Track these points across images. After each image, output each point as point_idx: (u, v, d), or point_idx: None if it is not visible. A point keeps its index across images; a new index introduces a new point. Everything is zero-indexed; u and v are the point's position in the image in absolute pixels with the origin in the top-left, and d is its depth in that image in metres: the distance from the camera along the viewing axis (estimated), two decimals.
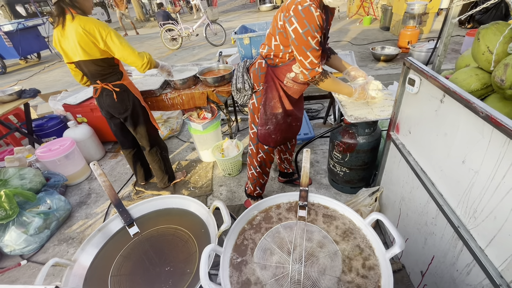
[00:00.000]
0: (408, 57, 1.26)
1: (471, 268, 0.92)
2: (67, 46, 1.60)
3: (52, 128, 3.02)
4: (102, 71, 1.71)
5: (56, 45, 1.65)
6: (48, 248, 2.04)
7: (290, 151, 2.11)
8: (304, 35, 1.23)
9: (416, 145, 1.27)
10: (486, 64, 1.07)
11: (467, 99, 0.85)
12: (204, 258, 0.83)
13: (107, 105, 1.84)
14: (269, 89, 1.56)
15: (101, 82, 1.75)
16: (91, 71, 1.70)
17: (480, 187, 0.86)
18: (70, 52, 1.62)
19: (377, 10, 6.89)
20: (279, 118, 1.64)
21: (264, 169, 1.90)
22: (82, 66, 1.70)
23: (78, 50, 1.56)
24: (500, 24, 1.01)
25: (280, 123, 1.66)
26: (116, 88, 1.77)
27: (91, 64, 1.65)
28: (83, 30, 1.50)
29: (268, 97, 1.57)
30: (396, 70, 3.78)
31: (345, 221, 1.05)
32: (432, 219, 1.16)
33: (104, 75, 1.74)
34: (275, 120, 1.64)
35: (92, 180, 2.72)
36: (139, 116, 1.96)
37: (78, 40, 1.53)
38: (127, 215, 1.20)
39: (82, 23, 1.51)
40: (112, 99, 1.79)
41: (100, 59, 1.64)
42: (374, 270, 0.87)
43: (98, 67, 1.68)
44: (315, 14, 1.21)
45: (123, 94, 1.82)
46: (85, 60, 1.61)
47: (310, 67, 1.34)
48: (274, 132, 1.68)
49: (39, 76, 6.71)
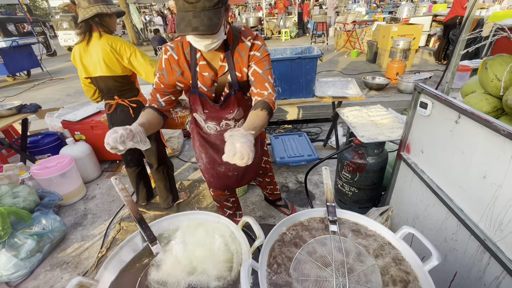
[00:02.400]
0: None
1: (501, 281, 0.95)
2: (89, 61, 1.64)
3: (47, 145, 2.91)
4: (120, 87, 1.75)
5: (75, 60, 1.70)
6: (39, 274, 1.87)
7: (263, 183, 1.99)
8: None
9: (430, 164, 1.35)
10: (495, 90, 1.22)
11: (487, 119, 0.94)
12: (244, 273, 0.81)
13: (120, 120, 1.83)
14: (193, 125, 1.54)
15: (118, 98, 1.77)
16: (109, 87, 1.73)
17: (505, 200, 0.92)
18: (91, 68, 1.66)
19: (363, 44, 7.50)
20: (204, 160, 1.55)
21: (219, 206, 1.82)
22: (99, 82, 1.72)
23: (102, 65, 1.61)
24: (505, 56, 1.17)
25: (207, 167, 1.56)
26: (133, 104, 1.80)
27: (111, 80, 1.69)
28: (110, 47, 1.57)
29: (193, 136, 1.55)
30: (387, 98, 4.05)
31: (376, 236, 1.06)
32: (452, 235, 1.20)
33: (121, 91, 1.77)
34: (202, 160, 1.56)
35: (88, 200, 2.59)
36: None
37: (103, 56, 1.58)
38: (149, 232, 1.15)
39: (110, 41, 1.59)
40: (128, 114, 1.81)
41: (121, 76, 1.68)
42: (414, 283, 0.88)
43: (117, 83, 1.72)
44: (162, 57, 1.20)
45: (139, 110, 1.84)
46: (106, 76, 1.65)
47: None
48: (205, 171, 1.59)
49: (27, 94, 6.54)
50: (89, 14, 1.54)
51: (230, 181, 1.60)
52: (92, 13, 1.53)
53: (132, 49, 1.64)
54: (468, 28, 1.42)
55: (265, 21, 12.73)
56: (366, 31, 7.44)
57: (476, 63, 3.98)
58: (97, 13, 1.54)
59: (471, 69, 3.84)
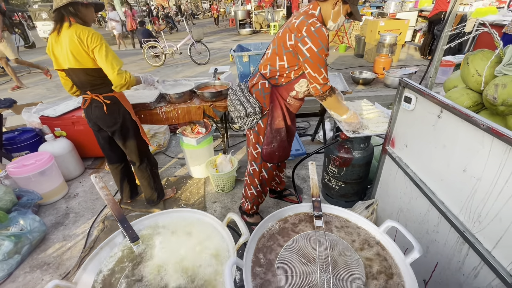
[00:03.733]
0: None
1: (479, 271, 0.99)
2: (59, 52, 1.57)
3: (25, 142, 2.77)
4: (93, 81, 1.66)
5: (49, 51, 1.62)
6: (18, 276, 1.79)
7: (280, 167, 2.15)
8: (319, 53, 1.32)
9: (414, 158, 1.37)
10: (476, 85, 1.24)
11: (467, 113, 0.95)
12: (227, 272, 0.80)
13: (95, 117, 1.76)
14: (274, 108, 1.60)
15: (91, 93, 1.69)
16: (81, 80, 1.65)
17: (483, 193, 0.94)
18: (61, 59, 1.59)
19: (351, 39, 7.54)
20: (282, 135, 1.69)
21: (264, 188, 1.91)
22: (71, 75, 1.64)
23: (70, 57, 1.53)
24: (485, 52, 1.18)
25: (283, 140, 1.72)
26: (106, 100, 1.71)
27: (82, 73, 1.61)
28: (78, 38, 1.49)
29: (274, 116, 1.62)
30: (374, 92, 4.10)
31: (360, 230, 1.07)
32: (434, 227, 1.23)
33: (94, 86, 1.68)
34: (279, 138, 1.69)
35: (70, 199, 2.50)
36: (129, 130, 1.89)
37: (70, 47, 1.50)
38: (132, 231, 1.12)
39: (78, 31, 1.49)
40: (102, 111, 1.73)
41: (92, 69, 1.60)
42: (397, 276, 0.89)
43: (89, 76, 1.63)
44: (326, 34, 1.32)
45: (113, 107, 1.77)
46: (75, 68, 1.57)
47: (323, 82, 1.42)
48: (278, 149, 1.72)
49: (4, 87, 6.21)
50: (62, 2, 1.45)
51: (289, 148, 1.85)
52: (66, 1, 1.45)
53: (99, 42, 1.52)
54: (451, 23, 1.43)
55: (254, 14, 12.56)
56: (354, 26, 7.48)
57: (459, 58, 4.08)
58: (70, 1, 1.46)
59: (454, 64, 3.93)
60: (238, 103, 1.59)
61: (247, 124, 1.62)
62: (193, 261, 1.00)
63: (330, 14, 1.39)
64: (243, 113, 1.55)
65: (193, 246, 1.06)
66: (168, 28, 14.96)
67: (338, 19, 1.43)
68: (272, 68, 1.51)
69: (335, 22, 1.43)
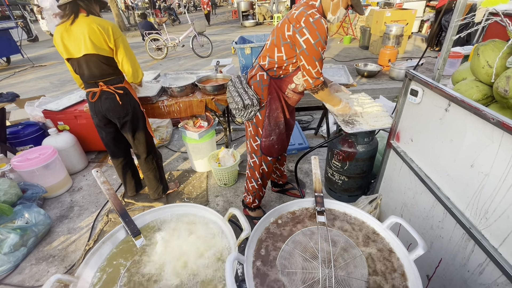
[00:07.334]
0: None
1: (484, 268, 0.97)
2: (72, 41, 1.58)
3: (29, 136, 2.79)
4: (105, 70, 1.67)
5: (56, 41, 1.61)
6: (24, 268, 1.82)
7: (281, 161, 2.14)
8: (316, 45, 1.28)
9: (420, 152, 1.34)
10: (486, 77, 1.19)
11: (476, 107, 0.92)
12: (228, 267, 0.79)
13: (105, 108, 1.75)
14: (272, 100, 1.58)
15: (103, 84, 1.70)
16: (92, 70, 1.65)
17: (491, 189, 0.92)
18: (74, 48, 1.59)
19: (355, 30, 7.38)
20: (281, 128, 1.68)
21: (264, 181, 1.90)
22: (82, 64, 1.64)
23: (87, 43, 1.55)
24: (497, 42, 1.13)
25: (282, 132, 1.70)
26: (119, 91, 1.72)
27: (96, 60, 1.62)
28: (98, 26, 1.55)
29: (272, 109, 1.59)
30: (379, 85, 4.02)
31: (363, 226, 1.06)
32: (439, 223, 1.21)
33: (106, 76, 1.69)
34: (277, 130, 1.67)
35: (74, 192, 2.52)
36: (139, 121, 1.90)
37: (89, 33, 1.54)
38: (133, 226, 1.12)
39: (98, 21, 1.57)
40: (114, 102, 1.74)
41: (106, 56, 1.63)
42: (400, 272, 0.88)
43: (103, 64, 1.65)
44: (325, 26, 1.27)
45: (125, 97, 1.78)
46: (91, 54, 1.58)
47: (316, 76, 1.39)
48: (277, 142, 1.71)
49: (8, 81, 6.24)
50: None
51: (287, 141, 1.88)
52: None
53: (120, 34, 1.64)
54: (461, 12, 1.38)
55: (257, 6, 12.33)
56: (359, 17, 7.30)
57: (467, 49, 3.97)
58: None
59: (463, 55, 3.82)
60: (236, 94, 1.57)
61: (245, 116, 1.60)
62: (194, 257, 1.00)
63: (330, 6, 1.35)
64: (241, 104, 1.53)
65: (194, 242, 1.06)
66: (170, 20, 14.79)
67: (338, 12, 1.38)
68: (270, 59, 1.48)
69: (334, 15, 1.39)
